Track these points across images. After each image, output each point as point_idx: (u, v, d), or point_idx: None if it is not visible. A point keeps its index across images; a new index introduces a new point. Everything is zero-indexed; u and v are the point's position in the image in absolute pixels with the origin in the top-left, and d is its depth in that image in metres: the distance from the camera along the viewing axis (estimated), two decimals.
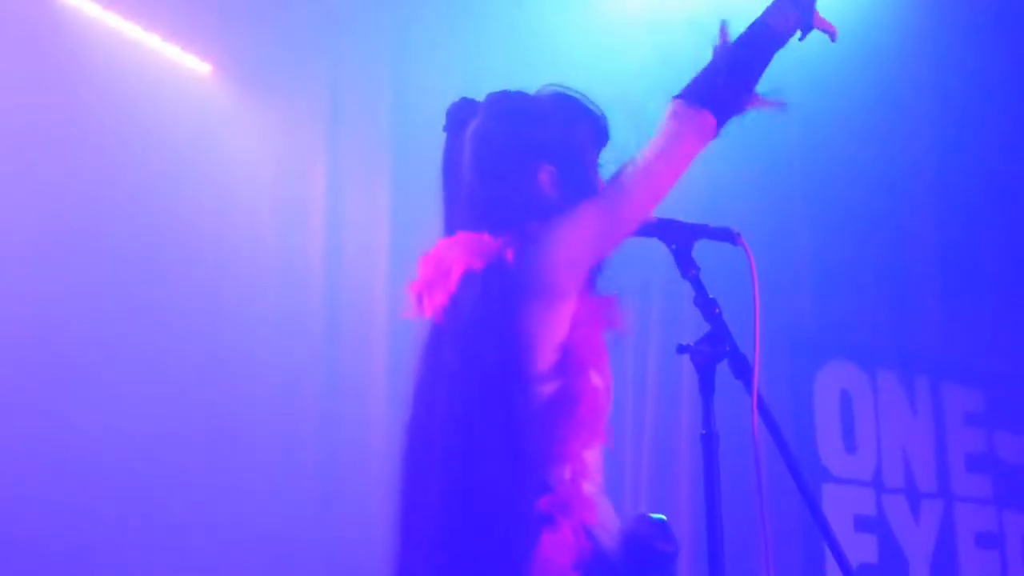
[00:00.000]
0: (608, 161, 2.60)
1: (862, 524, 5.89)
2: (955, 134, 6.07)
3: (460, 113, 2.60)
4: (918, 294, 6.25)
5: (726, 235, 2.36)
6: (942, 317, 6.27)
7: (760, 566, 2.30)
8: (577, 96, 2.59)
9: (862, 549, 5.82)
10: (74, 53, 4.65)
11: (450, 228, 2.53)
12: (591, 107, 2.59)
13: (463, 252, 2.43)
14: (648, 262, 5.33)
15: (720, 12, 5.78)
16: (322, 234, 5.08)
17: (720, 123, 2.45)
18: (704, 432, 2.28)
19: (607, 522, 2.34)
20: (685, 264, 2.38)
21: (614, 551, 2.30)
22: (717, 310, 2.32)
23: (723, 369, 2.32)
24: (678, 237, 2.40)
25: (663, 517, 2.35)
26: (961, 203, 6.24)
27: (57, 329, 4.42)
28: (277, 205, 5.08)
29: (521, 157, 2.49)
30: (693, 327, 2.41)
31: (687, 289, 2.38)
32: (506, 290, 2.36)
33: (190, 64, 5.05)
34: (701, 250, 2.41)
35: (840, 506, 5.81)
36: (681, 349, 2.31)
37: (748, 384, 2.26)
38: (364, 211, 5.13)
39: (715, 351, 2.29)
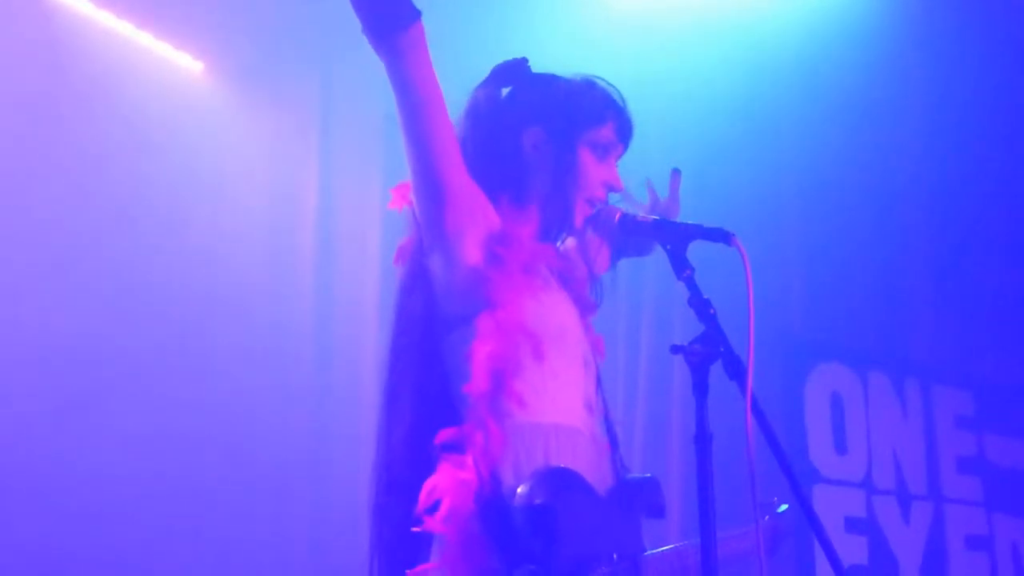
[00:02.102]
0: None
1: (852, 525, 5.89)
2: (948, 137, 6.08)
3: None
4: (910, 297, 6.26)
5: (721, 236, 2.34)
6: (933, 320, 6.29)
7: (752, 566, 2.30)
8: (595, 79, 2.64)
9: (852, 550, 5.83)
10: (66, 51, 4.64)
11: None
12: (604, 90, 2.62)
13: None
14: (642, 262, 5.34)
15: (719, 12, 5.79)
16: (314, 231, 5.07)
17: (385, 29, 2.36)
18: (697, 432, 2.26)
19: (517, 453, 2.34)
20: (680, 264, 2.37)
21: (506, 493, 2.29)
22: (711, 311, 2.31)
23: (715, 369, 2.31)
24: (673, 237, 2.39)
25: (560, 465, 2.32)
26: (953, 207, 6.25)
27: (46, 324, 4.40)
28: (269, 202, 5.07)
29: (510, 116, 2.56)
30: (686, 327, 2.41)
31: (680, 289, 2.37)
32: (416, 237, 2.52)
33: (182, 62, 5.04)
34: (694, 250, 2.40)
35: (831, 507, 5.82)
36: (675, 349, 2.29)
37: (742, 385, 2.25)
38: (356, 208, 5.13)
39: (709, 352, 2.28)
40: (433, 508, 2.31)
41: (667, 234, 2.40)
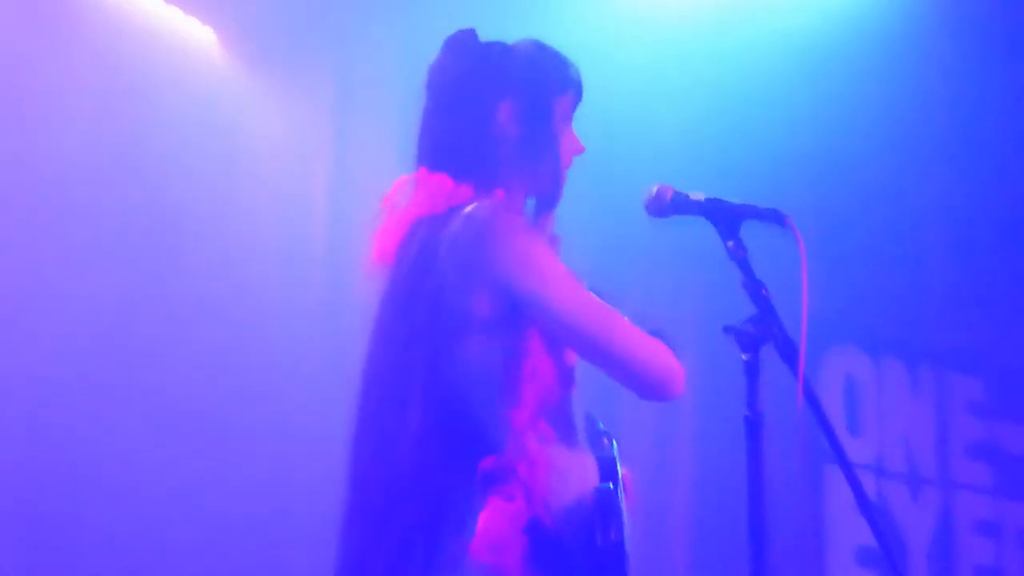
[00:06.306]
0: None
1: None
2: (964, 124, 6.06)
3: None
4: (925, 283, 6.26)
5: (775, 217, 2.32)
6: (948, 306, 6.28)
7: (801, 548, 2.27)
8: (549, 47, 2.56)
9: (861, 533, 5.83)
10: (79, 21, 4.60)
11: (416, 163, 2.50)
12: (560, 56, 2.55)
13: (420, 194, 2.43)
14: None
15: (719, 9, 5.75)
16: (327, 204, 5.05)
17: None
18: (748, 414, 2.24)
19: (568, 484, 2.23)
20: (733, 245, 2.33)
21: (560, 527, 2.20)
22: (765, 292, 2.29)
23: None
24: (725, 217, 2.35)
25: (609, 486, 2.26)
26: (971, 193, 6.23)
27: (50, 304, 4.36)
28: (282, 176, 5.05)
29: (479, 91, 2.48)
30: (734, 308, 2.38)
31: (732, 269, 2.33)
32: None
33: (196, 33, 5.01)
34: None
35: (841, 489, 5.81)
36: (727, 330, 2.27)
37: (794, 368, 2.23)
38: (370, 182, 5.08)
39: (761, 333, 2.26)
40: (482, 539, 2.16)
41: (719, 214, 2.36)
